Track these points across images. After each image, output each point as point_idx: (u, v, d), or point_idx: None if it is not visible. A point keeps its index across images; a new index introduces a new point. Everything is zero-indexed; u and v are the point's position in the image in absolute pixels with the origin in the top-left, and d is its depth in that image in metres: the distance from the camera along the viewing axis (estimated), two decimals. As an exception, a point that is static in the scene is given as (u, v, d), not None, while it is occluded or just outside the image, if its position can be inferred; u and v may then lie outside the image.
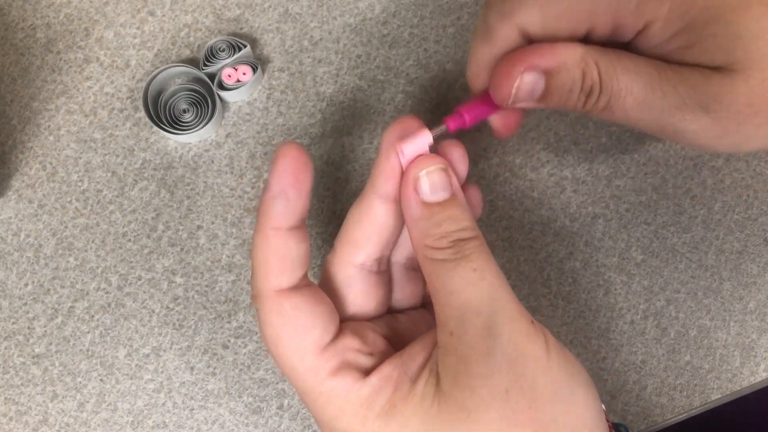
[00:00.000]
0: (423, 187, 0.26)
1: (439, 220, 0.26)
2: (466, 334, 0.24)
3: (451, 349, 0.25)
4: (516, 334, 0.24)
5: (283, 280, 0.26)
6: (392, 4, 0.38)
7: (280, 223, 0.26)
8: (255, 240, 0.26)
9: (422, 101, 0.37)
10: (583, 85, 0.27)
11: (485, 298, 0.25)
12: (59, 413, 0.35)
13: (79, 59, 0.38)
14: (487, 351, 0.24)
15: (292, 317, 0.26)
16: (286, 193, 0.26)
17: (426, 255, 0.26)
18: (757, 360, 0.36)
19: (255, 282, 0.26)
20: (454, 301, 0.25)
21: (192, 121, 0.37)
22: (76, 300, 0.36)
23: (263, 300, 0.26)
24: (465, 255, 0.25)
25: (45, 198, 0.37)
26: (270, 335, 0.26)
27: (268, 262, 0.26)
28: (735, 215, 0.37)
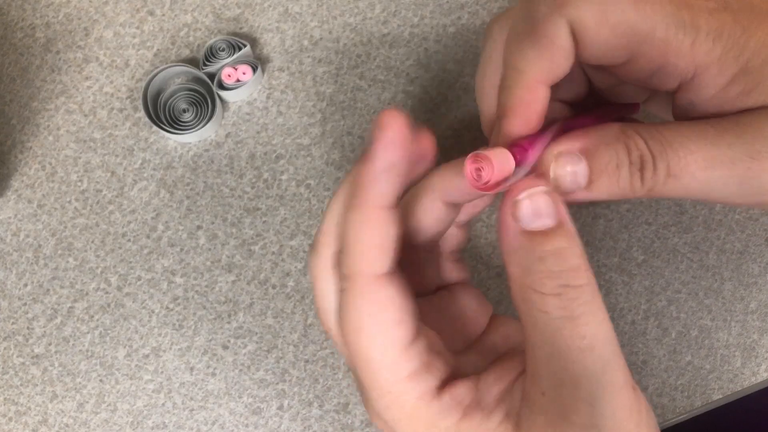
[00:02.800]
0: (523, 212, 0.23)
1: (542, 253, 0.22)
2: (561, 402, 0.22)
3: (541, 409, 0.22)
4: (618, 410, 0.22)
5: (381, 264, 0.23)
6: (392, 4, 0.38)
7: (385, 201, 0.23)
8: (352, 216, 0.23)
9: (422, 101, 0.37)
10: (630, 158, 0.24)
11: (590, 371, 0.22)
12: (59, 414, 0.35)
13: (79, 59, 0.38)
14: (583, 425, 0.22)
15: (384, 307, 0.23)
16: (395, 168, 0.23)
17: (526, 297, 0.22)
18: (759, 360, 0.36)
19: (349, 261, 0.24)
20: (552, 365, 0.22)
21: (191, 121, 0.36)
22: (75, 300, 0.36)
23: (357, 283, 0.23)
24: (574, 316, 0.22)
25: (44, 198, 0.36)
26: (354, 321, 0.24)
27: (368, 242, 0.23)
28: (736, 215, 0.37)
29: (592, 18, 0.24)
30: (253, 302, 0.36)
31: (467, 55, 0.38)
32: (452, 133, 0.37)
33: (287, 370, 0.35)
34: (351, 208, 0.23)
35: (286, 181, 0.37)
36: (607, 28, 0.24)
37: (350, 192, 0.24)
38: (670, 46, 0.24)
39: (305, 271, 0.36)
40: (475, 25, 0.38)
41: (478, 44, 0.38)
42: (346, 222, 0.24)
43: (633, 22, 0.23)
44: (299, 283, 0.36)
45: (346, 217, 0.24)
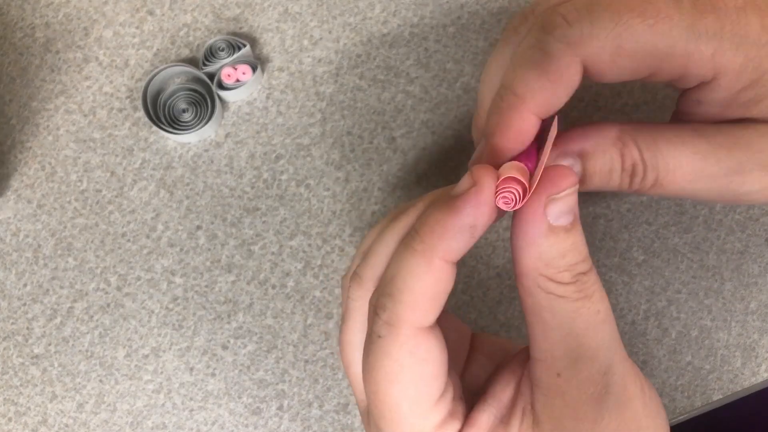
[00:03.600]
0: (556, 209, 0.23)
1: (564, 249, 0.23)
2: (578, 377, 0.23)
3: (557, 391, 0.23)
4: (624, 376, 0.23)
5: (428, 317, 0.23)
6: (392, 4, 0.38)
7: (453, 257, 0.22)
8: (413, 262, 0.22)
9: (422, 101, 0.37)
10: (623, 165, 0.25)
11: (605, 342, 0.23)
12: (58, 414, 0.35)
13: (78, 59, 0.38)
14: (599, 395, 0.23)
15: (422, 362, 0.23)
16: (477, 228, 0.22)
17: (541, 286, 0.23)
18: (759, 360, 0.36)
19: (396, 309, 0.22)
20: (569, 342, 0.23)
21: (191, 121, 0.36)
22: (75, 300, 0.36)
23: (400, 333, 0.23)
24: (588, 295, 0.23)
25: (44, 198, 0.36)
26: (389, 371, 0.23)
27: (424, 293, 0.22)
28: (736, 215, 0.37)
29: (607, 53, 0.23)
30: (252, 302, 0.36)
31: (467, 55, 0.38)
32: (452, 133, 0.37)
33: (287, 370, 0.35)
34: (414, 253, 0.22)
35: (285, 181, 0.37)
36: (625, 57, 0.24)
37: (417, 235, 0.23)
38: (691, 58, 0.24)
39: (305, 271, 0.36)
40: (475, 25, 0.38)
41: (478, 44, 0.38)
42: (402, 265, 0.23)
43: (651, 44, 0.23)
44: (299, 283, 0.36)
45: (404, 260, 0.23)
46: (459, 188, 0.23)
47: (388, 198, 0.36)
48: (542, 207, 0.22)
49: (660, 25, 0.23)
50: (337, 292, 0.36)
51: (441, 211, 0.23)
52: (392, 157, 0.37)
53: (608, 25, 0.23)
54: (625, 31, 0.23)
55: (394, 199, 0.36)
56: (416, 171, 0.37)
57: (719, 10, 0.24)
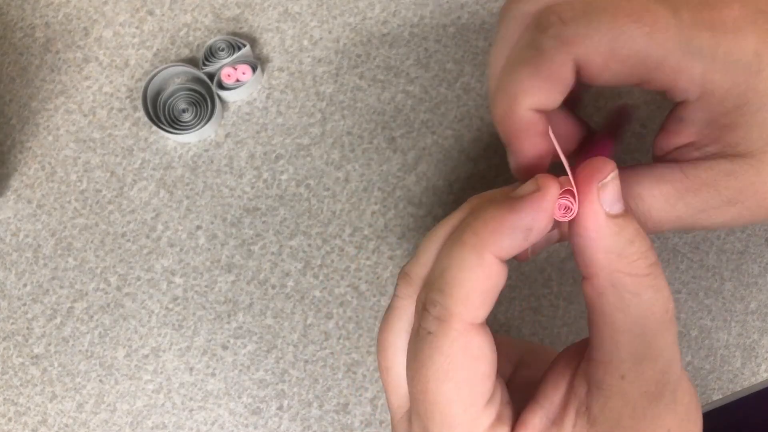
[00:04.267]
0: (608, 196, 0.22)
1: (630, 235, 0.22)
2: (641, 379, 0.22)
3: (620, 392, 0.23)
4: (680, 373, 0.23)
5: (480, 313, 0.22)
6: (392, 4, 0.38)
7: (505, 254, 0.22)
8: (465, 256, 0.22)
9: (422, 101, 0.37)
10: None
11: (671, 342, 0.23)
12: (58, 414, 0.35)
13: (78, 59, 0.38)
14: (659, 393, 0.23)
15: (475, 360, 0.22)
16: (532, 232, 0.22)
17: (617, 282, 0.22)
18: (759, 360, 0.36)
19: (449, 303, 0.22)
20: (637, 343, 0.22)
21: (191, 121, 0.36)
22: (75, 300, 0.36)
23: (453, 328, 0.22)
24: (659, 289, 0.22)
25: (44, 198, 0.36)
26: (441, 369, 0.22)
27: (476, 288, 0.22)
28: (736, 215, 0.37)
29: (600, 54, 0.23)
30: (252, 302, 0.36)
31: (467, 55, 0.38)
32: (452, 133, 0.37)
33: (287, 370, 0.35)
34: (464, 246, 0.22)
35: (285, 181, 0.37)
36: (617, 62, 0.24)
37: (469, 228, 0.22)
38: (681, 73, 0.24)
39: (305, 271, 0.36)
40: (475, 25, 0.38)
41: (478, 44, 0.38)
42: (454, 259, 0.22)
43: (645, 52, 0.23)
44: (299, 283, 0.36)
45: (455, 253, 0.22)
46: (522, 191, 0.23)
47: (388, 198, 0.36)
48: (596, 196, 0.22)
49: (656, 34, 0.23)
50: (337, 292, 0.36)
51: (499, 209, 0.22)
52: (392, 157, 0.37)
53: (604, 27, 0.23)
54: (620, 35, 0.23)
55: (394, 199, 0.36)
56: (416, 171, 0.37)
57: (717, 28, 0.23)
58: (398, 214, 0.36)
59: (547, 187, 0.22)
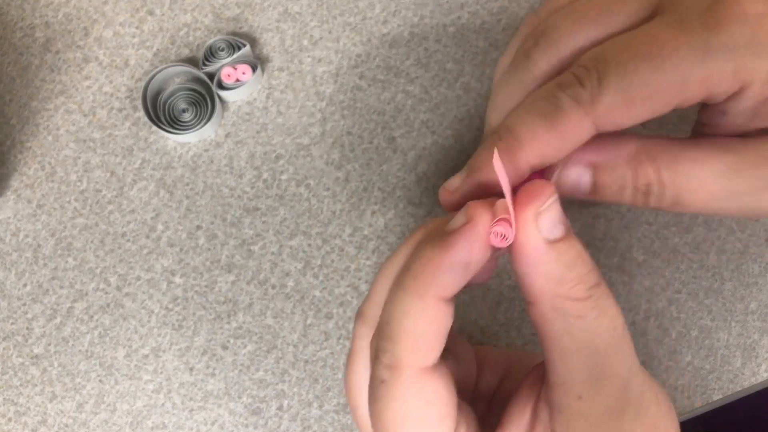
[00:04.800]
0: (546, 223, 0.22)
1: (569, 260, 0.22)
2: (600, 398, 0.22)
3: (580, 413, 0.23)
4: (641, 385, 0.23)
5: (431, 357, 0.22)
6: (392, 4, 0.38)
7: (449, 292, 0.22)
8: (408, 302, 0.22)
9: (422, 101, 0.37)
10: (636, 183, 0.25)
11: (626, 359, 0.22)
12: (58, 414, 0.35)
13: (78, 59, 0.38)
14: (620, 410, 0.22)
15: (430, 403, 0.22)
16: (470, 265, 0.22)
17: (557, 307, 0.22)
18: (759, 360, 0.36)
19: (398, 351, 0.22)
20: (589, 363, 0.22)
21: (191, 121, 0.36)
22: (75, 300, 0.36)
23: (404, 375, 0.22)
24: (603, 310, 0.22)
25: (44, 198, 0.36)
26: (397, 416, 0.22)
27: (422, 333, 0.22)
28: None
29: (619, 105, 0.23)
30: (252, 302, 0.36)
31: (467, 55, 0.38)
32: (452, 133, 0.37)
33: (287, 370, 0.35)
34: (408, 293, 0.22)
35: (285, 181, 0.37)
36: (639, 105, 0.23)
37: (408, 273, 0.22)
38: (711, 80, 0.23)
39: (305, 271, 0.36)
40: (475, 25, 0.38)
41: (478, 44, 0.38)
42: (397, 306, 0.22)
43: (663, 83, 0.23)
44: (299, 283, 0.36)
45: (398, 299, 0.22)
46: (453, 224, 0.22)
47: (388, 198, 0.36)
48: (533, 223, 0.22)
49: (668, 61, 0.23)
50: (337, 292, 0.36)
51: (433, 248, 0.22)
52: (392, 157, 0.37)
53: (615, 78, 0.23)
54: (633, 80, 0.23)
55: (393, 199, 0.36)
56: (416, 171, 0.37)
57: (736, 21, 0.23)
58: (398, 214, 0.36)
59: (477, 217, 0.22)
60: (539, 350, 0.35)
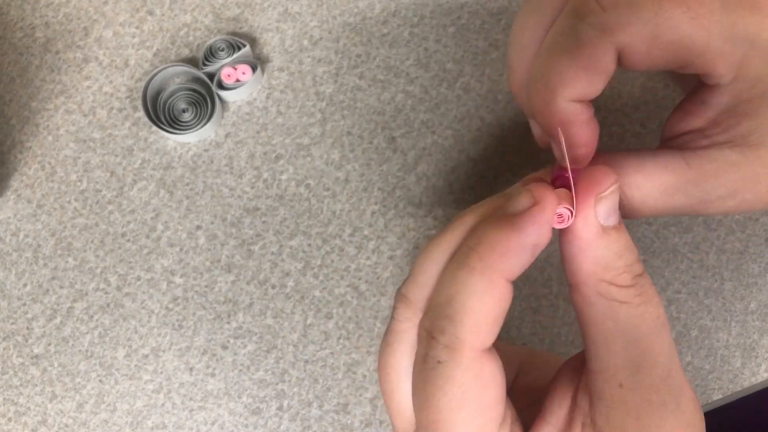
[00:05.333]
0: (605, 209, 0.22)
1: (619, 249, 0.22)
2: (641, 386, 0.22)
3: (620, 401, 0.22)
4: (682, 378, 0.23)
5: (489, 339, 0.22)
6: (392, 4, 0.38)
7: (515, 274, 0.22)
8: (473, 281, 0.22)
9: (422, 101, 0.37)
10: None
11: (666, 347, 0.23)
12: (58, 414, 0.35)
13: (78, 59, 0.38)
14: (662, 402, 0.22)
15: (486, 386, 0.22)
16: (537, 247, 0.22)
17: (603, 292, 0.22)
18: (759, 360, 0.36)
19: (460, 332, 0.21)
20: (631, 351, 0.22)
21: (191, 121, 0.36)
22: (75, 300, 0.36)
23: (465, 356, 0.22)
24: (648, 298, 0.22)
25: (44, 198, 0.36)
26: (453, 398, 0.22)
27: (484, 314, 0.21)
28: (736, 215, 0.37)
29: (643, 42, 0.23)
30: (252, 302, 0.36)
31: (467, 55, 0.38)
32: (452, 133, 0.37)
33: (287, 370, 0.35)
34: (472, 272, 0.22)
35: (285, 181, 0.37)
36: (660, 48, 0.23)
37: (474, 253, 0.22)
38: (722, 59, 0.23)
39: (305, 271, 0.36)
40: (475, 25, 0.38)
41: (478, 44, 0.38)
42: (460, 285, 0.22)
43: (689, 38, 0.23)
44: (299, 283, 0.36)
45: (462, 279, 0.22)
46: (518, 205, 0.22)
47: (388, 198, 0.36)
48: (593, 208, 0.22)
49: (701, 19, 0.22)
50: (337, 292, 0.36)
51: (501, 229, 0.22)
52: (392, 157, 0.37)
53: (647, 13, 0.22)
54: (664, 21, 0.22)
55: (393, 199, 0.36)
56: (416, 171, 0.37)
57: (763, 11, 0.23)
58: (398, 214, 0.36)
59: (546, 200, 0.22)
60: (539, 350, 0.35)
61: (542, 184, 0.23)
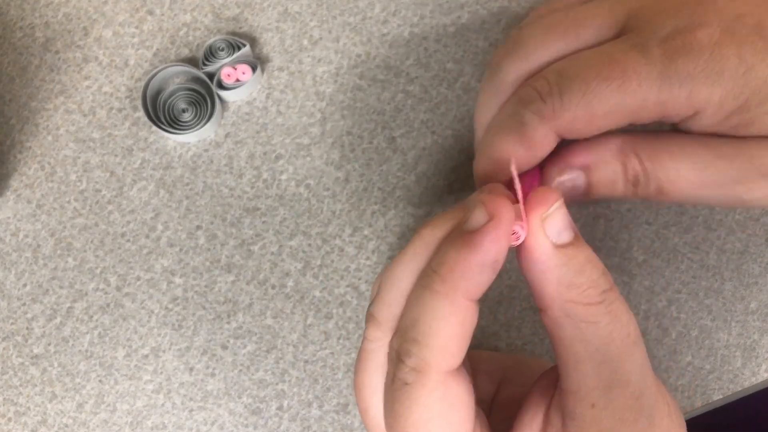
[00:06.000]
0: (553, 227, 0.22)
1: (579, 265, 0.22)
2: (613, 405, 0.22)
3: (593, 421, 0.22)
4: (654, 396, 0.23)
5: (457, 360, 0.22)
6: (392, 3, 0.38)
7: (478, 293, 0.22)
8: (437, 305, 0.22)
9: (422, 101, 0.37)
10: (626, 175, 0.26)
11: (638, 366, 0.22)
12: (58, 414, 0.35)
13: (78, 58, 0.38)
14: (634, 420, 0.22)
15: (455, 407, 0.22)
16: (498, 263, 0.22)
17: (570, 314, 0.22)
18: (759, 360, 0.36)
19: (425, 354, 0.22)
20: (602, 371, 0.22)
21: (191, 121, 0.36)
22: (74, 300, 0.36)
23: (430, 379, 0.22)
24: (617, 316, 0.22)
25: (43, 198, 0.36)
26: (419, 419, 0.22)
27: (452, 336, 0.22)
28: (736, 215, 0.37)
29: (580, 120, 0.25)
30: (252, 302, 0.36)
31: (467, 55, 0.38)
32: (452, 133, 0.37)
33: (287, 370, 0.35)
34: (436, 295, 0.22)
35: (285, 181, 0.37)
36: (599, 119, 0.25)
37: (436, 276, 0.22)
38: (666, 104, 0.24)
39: (305, 271, 0.36)
40: (475, 25, 0.38)
41: (478, 44, 0.38)
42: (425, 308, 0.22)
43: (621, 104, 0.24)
44: (299, 283, 0.36)
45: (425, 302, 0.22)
46: (474, 222, 0.22)
47: (388, 198, 0.36)
48: (540, 228, 0.22)
49: (627, 84, 0.24)
50: (337, 292, 0.36)
51: (459, 249, 0.22)
52: (392, 157, 0.37)
53: (576, 96, 0.24)
54: (594, 99, 0.24)
55: (393, 199, 0.36)
56: (416, 171, 0.37)
57: (692, 51, 0.24)
58: (398, 214, 0.36)
59: (501, 214, 0.22)
60: (539, 350, 0.35)
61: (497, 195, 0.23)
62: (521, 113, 0.25)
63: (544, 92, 0.25)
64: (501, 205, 0.22)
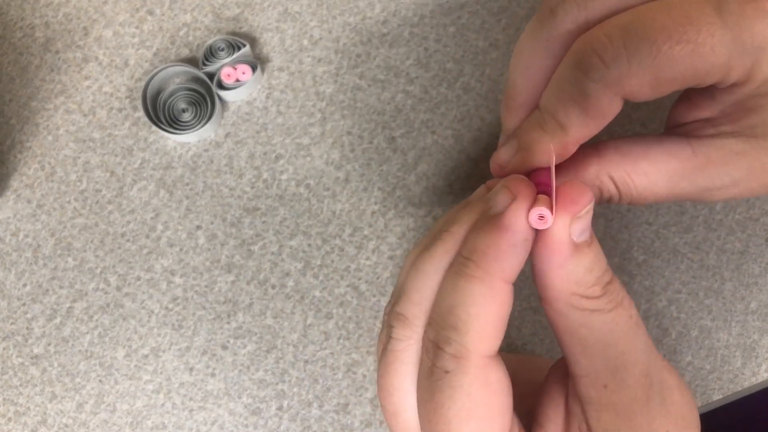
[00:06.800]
0: (578, 227, 0.22)
1: (589, 263, 0.22)
2: (624, 385, 0.23)
3: (607, 403, 0.23)
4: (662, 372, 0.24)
5: (495, 344, 0.22)
6: (392, 3, 0.38)
7: (512, 275, 0.22)
8: (474, 289, 0.22)
9: (422, 101, 0.37)
10: (602, 198, 0.27)
11: (642, 344, 0.23)
12: (58, 414, 0.35)
13: (78, 58, 0.38)
14: (647, 398, 0.23)
15: (495, 394, 0.22)
16: (529, 241, 0.22)
17: (574, 304, 0.22)
18: (759, 360, 0.36)
19: (465, 340, 0.22)
20: (609, 353, 0.22)
21: (191, 121, 0.36)
22: (74, 300, 0.36)
23: (472, 365, 0.22)
24: (619, 302, 0.23)
25: (43, 198, 0.36)
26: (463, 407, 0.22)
27: (489, 320, 0.22)
28: (736, 215, 0.37)
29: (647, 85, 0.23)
30: (252, 302, 0.36)
31: (467, 55, 0.38)
32: (452, 133, 0.37)
33: (287, 370, 0.35)
34: (471, 280, 0.22)
35: (285, 181, 0.37)
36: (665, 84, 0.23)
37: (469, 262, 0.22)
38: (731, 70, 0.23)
39: (305, 271, 0.36)
40: (475, 25, 0.38)
41: (478, 44, 0.38)
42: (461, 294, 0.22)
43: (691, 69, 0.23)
44: (299, 283, 0.36)
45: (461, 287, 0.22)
46: (499, 205, 0.22)
47: (388, 198, 0.36)
48: (568, 228, 0.22)
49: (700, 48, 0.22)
50: (337, 292, 0.36)
51: (489, 232, 0.22)
52: (392, 157, 0.37)
53: (646, 59, 0.22)
54: (664, 63, 0.22)
55: (393, 199, 0.36)
56: (416, 171, 0.37)
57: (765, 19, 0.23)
58: (398, 214, 0.36)
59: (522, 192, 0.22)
60: (539, 350, 0.35)
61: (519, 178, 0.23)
62: (582, 82, 0.24)
63: (608, 56, 0.23)
64: (522, 185, 0.22)
